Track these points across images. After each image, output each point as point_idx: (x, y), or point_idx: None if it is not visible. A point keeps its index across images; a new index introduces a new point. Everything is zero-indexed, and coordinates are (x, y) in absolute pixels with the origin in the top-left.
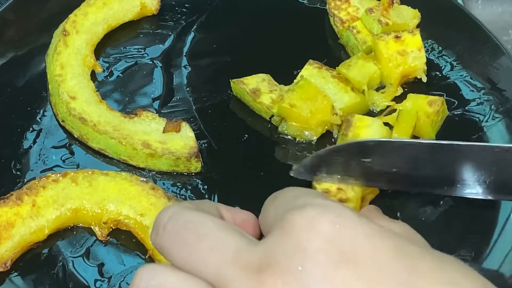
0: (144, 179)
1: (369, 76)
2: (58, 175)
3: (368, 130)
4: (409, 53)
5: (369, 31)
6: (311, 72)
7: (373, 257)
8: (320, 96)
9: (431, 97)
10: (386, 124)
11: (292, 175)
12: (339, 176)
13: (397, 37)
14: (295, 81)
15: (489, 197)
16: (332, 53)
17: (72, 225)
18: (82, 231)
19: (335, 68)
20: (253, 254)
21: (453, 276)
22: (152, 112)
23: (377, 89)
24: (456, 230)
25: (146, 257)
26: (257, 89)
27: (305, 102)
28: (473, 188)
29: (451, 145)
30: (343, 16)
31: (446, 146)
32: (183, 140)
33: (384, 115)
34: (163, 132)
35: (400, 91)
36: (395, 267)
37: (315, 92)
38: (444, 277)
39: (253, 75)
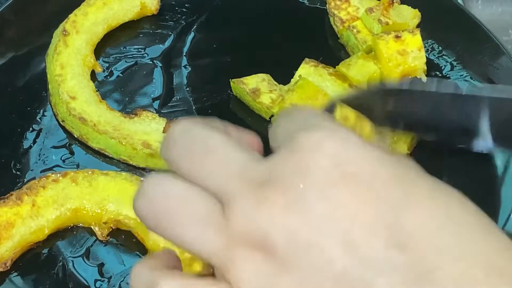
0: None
1: (369, 75)
2: (58, 175)
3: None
4: (409, 52)
5: (369, 30)
6: (307, 70)
7: (371, 181)
8: (320, 95)
9: None
10: None
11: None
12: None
13: (397, 36)
14: (293, 80)
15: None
16: (332, 53)
17: (72, 225)
18: (82, 231)
19: (335, 68)
20: (258, 170)
21: (447, 203)
22: (152, 112)
23: None
24: None
25: None
26: (257, 89)
27: (305, 101)
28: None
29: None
30: (343, 16)
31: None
32: None
33: None
34: (163, 132)
35: None
36: (390, 191)
37: (315, 91)
38: (437, 204)
39: (253, 75)
